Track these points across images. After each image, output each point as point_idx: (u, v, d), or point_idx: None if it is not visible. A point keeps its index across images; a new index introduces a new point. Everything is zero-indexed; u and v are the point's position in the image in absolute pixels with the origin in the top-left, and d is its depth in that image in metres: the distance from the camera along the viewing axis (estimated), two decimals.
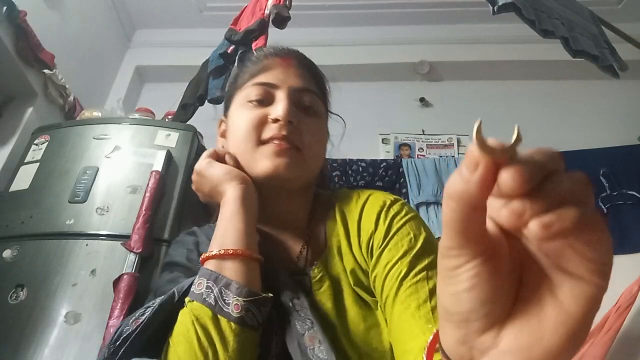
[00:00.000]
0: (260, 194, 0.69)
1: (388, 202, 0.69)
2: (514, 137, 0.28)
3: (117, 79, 3.03)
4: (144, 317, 0.55)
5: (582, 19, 1.88)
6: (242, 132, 0.69)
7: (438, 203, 2.52)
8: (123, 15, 3.07)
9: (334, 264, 0.67)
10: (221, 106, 1.93)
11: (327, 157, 0.80)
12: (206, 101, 1.89)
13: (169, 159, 1.79)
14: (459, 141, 2.83)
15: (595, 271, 0.23)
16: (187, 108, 1.99)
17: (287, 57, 0.76)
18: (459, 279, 0.26)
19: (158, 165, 1.72)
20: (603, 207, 2.43)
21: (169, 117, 2.19)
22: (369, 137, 2.78)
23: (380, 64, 3.01)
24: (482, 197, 0.24)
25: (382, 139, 2.84)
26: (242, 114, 0.71)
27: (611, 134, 2.66)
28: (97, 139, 1.84)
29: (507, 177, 0.23)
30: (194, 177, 0.74)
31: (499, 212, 0.24)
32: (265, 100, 0.71)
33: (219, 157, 0.72)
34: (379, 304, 0.61)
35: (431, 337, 0.39)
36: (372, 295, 0.63)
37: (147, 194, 1.63)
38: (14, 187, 1.77)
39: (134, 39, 3.20)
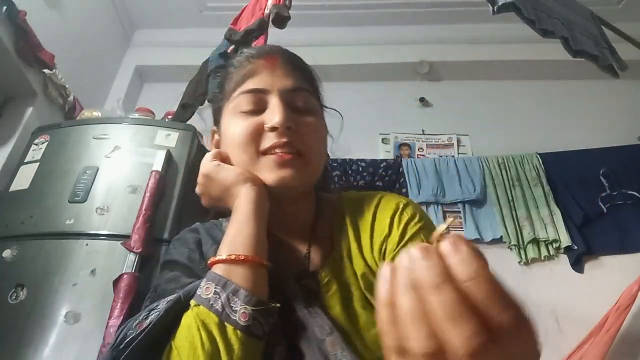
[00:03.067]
0: (270, 202, 0.68)
1: (401, 206, 0.68)
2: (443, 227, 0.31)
3: (117, 79, 3.03)
4: (148, 321, 0.54)
5: (582, 18, 1.88)
6: (239, 144, 0.66)
7: (438, 203, 2.52)
8: (123, 15, 3.07)
9: (343, 267, 0.65)
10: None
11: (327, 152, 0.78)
12: (206, 101, 1.89)
13: (169, 158, 1.79)
14: (458, 141, 2.83)
15: None
16: (187, 108, 1.99)
17: (270, 57, 0.72)
18: None
19: (158, 165, 1.72)
20: (603, 207, 2.43)
21: (169, 117, 2.19)
22: (369, 137, 2.78)
23: (380, 64, 3.01)
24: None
25: (382, 139, 2.84)
26: (235, 124, 0.67)
27: (611, 134, 2.66)
28: (97, 139, 1.84)
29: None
30: (200, 180, 0.71)
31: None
32: (258, 107, 0.67)
33: (223, 159, 0.70)
34: None
35: None
36: None
37: (147, 194, 1.63)
38: (14, 187, 1.77)
39: (134, 39, 3.20)
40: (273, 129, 0.64)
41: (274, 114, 0.64)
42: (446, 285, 0.27)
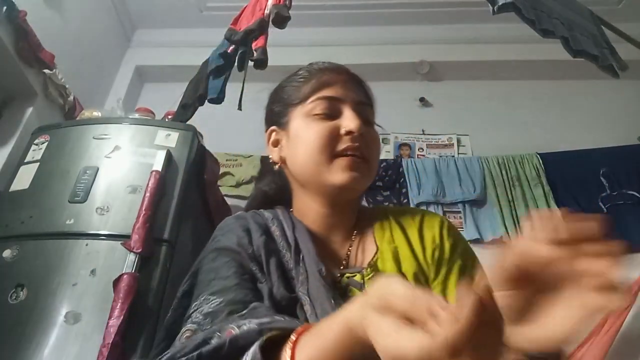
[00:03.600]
0: (324, 201, 0.74)
1: (445, 221, 0.77)
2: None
3: (117, 79, 3.03)
4: None
5: (582, 18, 1.88)
6: (314, 145, 0.72)
7: (438, 203, 2.52)
8: (123, 15, 3.07)
9: (388, 267, 0.70)
10: (220, 107, 1.93)
11: None
12: (206, 101, 1.89)
13: (169, 159, 1.79)
14: (459, 141, 2.83)
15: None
16: (187, 108, 1.99)
17: (342, 73, 0.80)
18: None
19: (158, 165, 1.72)
20: (603, 207, 2.43)
21: (169, 117, 2.19)
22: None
23: (380, 64, 3.01)
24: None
25: (382, 139, 2.83)
26: (311, 126, 0.73)
27: (611, 134, 2.66)
28: (97, 139, 1.84)
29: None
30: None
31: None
32: (332, 113, 0.74)
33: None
34: None
35: None
36: None
37: (147, 194, 1.63)
38: (14, 187, 1.77)
39: (134, 39, 3.20)
40: (349, 132, 0.71)
41: (350, 120, 0.72)
42: None
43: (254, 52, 1.64)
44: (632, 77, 2.16)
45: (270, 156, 0.82)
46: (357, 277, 0.69)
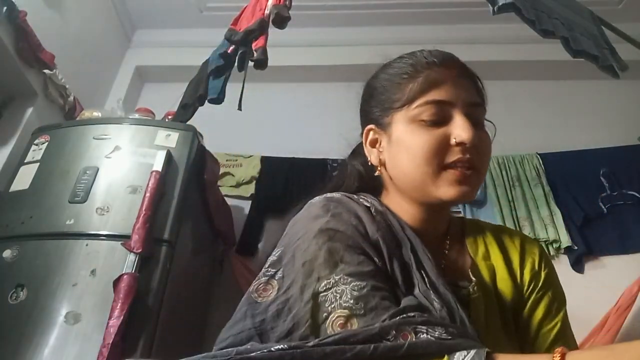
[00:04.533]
0: (422, 208, 0.70)
1: (544, 250, 0.78)
2: None
3: (117, 79, 3.03)
4: None
5: (582, 19, 1.87)
6: (421, 155, 0.65)
7: None
8: (123, 15, 3.06)
9: (484, 284, 0.69)
10: (220, 107, 1.93)
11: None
12: (206, 101, 1.89)
13: (169, 159, 1.79)
14: None
15: None
16: (187, 108, 1.99)
17: (453, 66, 0.71)
18: None
19: (158, 165, 1.72)
20: (603, 207, 2.43)
21: (169, 117, 2.19)
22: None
23: (381, 64, 3.01)
24: None
25: None
26: (417, 134, 0.66)
27: (611, 134, 2.66)
28: (97, 139, 1.84)
29: None
30: None
31: None
32: (440, 119, 0.66)
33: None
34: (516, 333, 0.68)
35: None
36: (515, 325, 0.69)
37: (147, 194, 1.63)
38: (14, 187, 1.77)
39: (134, 39, 3.20)
40: (461, 144, 0.65)
41: (462, 130, 0.64)
42: None
43: (254, 53, 1.64)
44: (632, 77, 2.16)
45: (368, 157, 0.75)
46: (465, 291, 0.66)
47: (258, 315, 0.57)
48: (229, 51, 1.80)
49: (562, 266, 2.33)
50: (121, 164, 1.77)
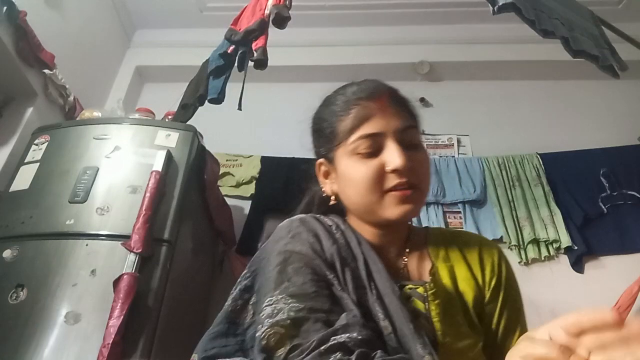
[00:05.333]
0: (376, 227, 0.77)
1: (502, 253, 0.83)
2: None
3: (117, 79, 3.03)
4: None
5: (582, 19, 1.88)
6: (362, 186, 0.72)
7: (438, 203, 2.52)
8: (123, 15, 3.07)
9: (444, 283, 0.74)
10: (220, 107, 1.93)
11: None
12: (206, 101, 1.89)
13: (169, 159, 1.79)
14: (459, 141, 2.83)
15: None
16: (187, 108, 1.99)
17: (379, 97, 0.77)
18: None
19: (158, 165, 1.73)
20: (603, 207, 2.43)
21: (169, 117, 2.19)
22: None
23: (380, 64, 3.01)
24: None
25: None
26: (356, 166, 0.73)
27: (611, 134, 2.66)
28: (97, 139, 1.84)
29: None
30: None
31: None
32: (374, 149, 0.73)
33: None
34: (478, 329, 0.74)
35: None
36: (478, 319, 0.75)
37: (147, 194, 1.63)
38: (14, 187, 1.77)
39: (134, 39, 3.20)
40: (395, 170, 0.71)
41: (394, 157, 0.71)
42: None
43: (254, 52, 1.64)
44: (632, 77, 2.16)
45: (322, 188, 0.83)
46: (420, 290, 0.72)
47: (239, 336, 0.68)
48: (229, 51, 1.80)
49: (562, 266, 2.33)
50: (121, 164, 1.77)
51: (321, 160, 0.82)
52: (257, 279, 0.71)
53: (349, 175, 0.75)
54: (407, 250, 0.80)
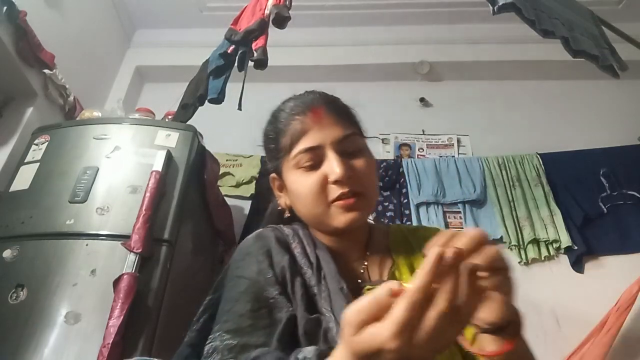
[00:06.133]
0: (330, 234, 0.78)
1: None
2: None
3: (117, 79, 3.03)
4: None
5: (582, 19, 1.88)
6: (308, 197, 0.74)
7: (438, 203, 2.52)
8: (123, 15, 3.07)
9: (405, 278, 0.74)
10: (220, 107, 1.93)
11: None
12: (206, 101, 1.89)
13: (169, 159, 1.79)
14: (459, 141, 2.83)
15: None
16: (187, 108, 1.99)
17: (315, 110, 0.78)
18: None
19: (158, 165, 1.72)
20: (603, 207, 2.43)
21: (169, 117, 2.19)
22: (369, 137, 2.77)
23: (380, 64, 3.01)
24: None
25: (382, 139, 2.84)
26: (300, 180, 0.75)
27: (611, 134, 2.66)
28: (97, 139, 1.84)
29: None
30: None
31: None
32: (316, 162, 0.75)
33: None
34: None
35: None
36: None
37: (147, 194, 1.63)
38: (14, 187, 1.77)
39: (134, 39, 3.20)
40: (336, 181, 0.72)
41: (334, 169, 0.72)
42: None
43: (254, 52, 1.64)
44: (632, 77, 2.16)
45: (278, 201, 0.85)
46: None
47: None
48: (229, 51, 1.80)
49: (562, 266, 2.33)
50: (121, 164, 1.77)
51: (273, 175, 0.84)
52: (216, 309, 0.71)
53: (296, 190, 0.77)
54: (368, 253, 0.80)
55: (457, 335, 0.43)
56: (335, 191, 0.73)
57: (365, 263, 0.79)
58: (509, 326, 0.53)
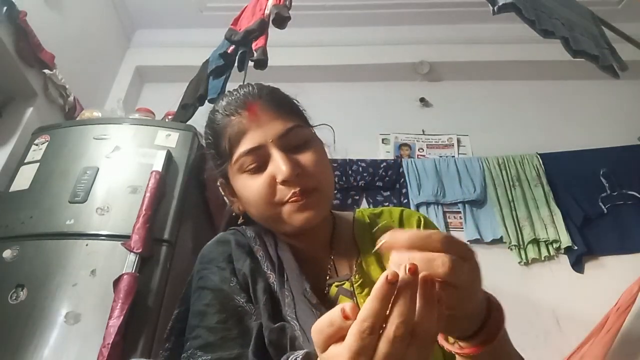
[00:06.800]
0: (289, 234, 0.73)
1: (423, 218, 0.79)
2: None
3: (117, 79, 3.03)
4: None
5: (582, 19, 1.88)
6: (258, 202, 0.69)
7: (438, 203, 2.52)
8: (123, 15, 3.07)
9: (373, 269, 0.70)
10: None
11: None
12: (206, 101, 1.89)
13: (169, 159, 1.79)
14: (459, 141, 2.83)
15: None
16: (187, 108, 1.99)
17: (251, 105, 0.71)
18: None
19: (158, 165, 1.72)
20: (603, 207, 2.43)
21: (169, 117, 2.19)
22: (369, 137, 2.78)
23: (380, 64, 3.01)
24: None
25: (382, 139, 2.84)
26: (247, 184, 0.70)
27: (611, 134, 2.67)
28: (97, 139, 1.84)
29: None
30: None
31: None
32: (261, 163, 0.69)
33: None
34: None
35: None
36: None
37: (147, 194, 1.63)
38: (14, 187, 1.77)
39: (134, 39, 3.20)
40: (284, 182, 0.67)
41: (280, 168, 0.67)
42: None
43: (254, 53, 1.64)
44: (632, 77, 2.16)
45: (232, 207, 0.79)
46: (347, 285, 0.68)
47: None
48: (229, 51, 1.80)
49: (562, 266, 2.33)
50: (121, 164, 1.77)
51: (221, 180, 0.78)
52: (185, 323, 0.68)
53: (244, 195, 0.71)
54: (334, 243, 0.76)
55: (426, 358, 0.38)
56: (285, 192, 0.68)
57: (332, 257, 0.74)
58: (485, 326, 0.47)
